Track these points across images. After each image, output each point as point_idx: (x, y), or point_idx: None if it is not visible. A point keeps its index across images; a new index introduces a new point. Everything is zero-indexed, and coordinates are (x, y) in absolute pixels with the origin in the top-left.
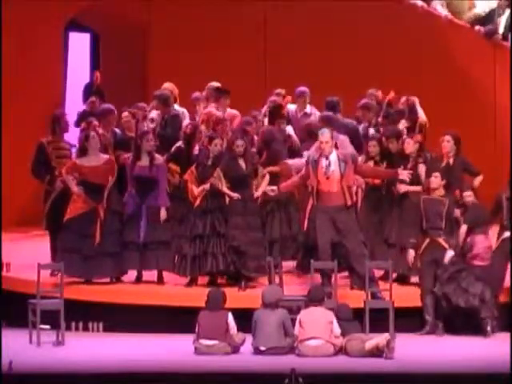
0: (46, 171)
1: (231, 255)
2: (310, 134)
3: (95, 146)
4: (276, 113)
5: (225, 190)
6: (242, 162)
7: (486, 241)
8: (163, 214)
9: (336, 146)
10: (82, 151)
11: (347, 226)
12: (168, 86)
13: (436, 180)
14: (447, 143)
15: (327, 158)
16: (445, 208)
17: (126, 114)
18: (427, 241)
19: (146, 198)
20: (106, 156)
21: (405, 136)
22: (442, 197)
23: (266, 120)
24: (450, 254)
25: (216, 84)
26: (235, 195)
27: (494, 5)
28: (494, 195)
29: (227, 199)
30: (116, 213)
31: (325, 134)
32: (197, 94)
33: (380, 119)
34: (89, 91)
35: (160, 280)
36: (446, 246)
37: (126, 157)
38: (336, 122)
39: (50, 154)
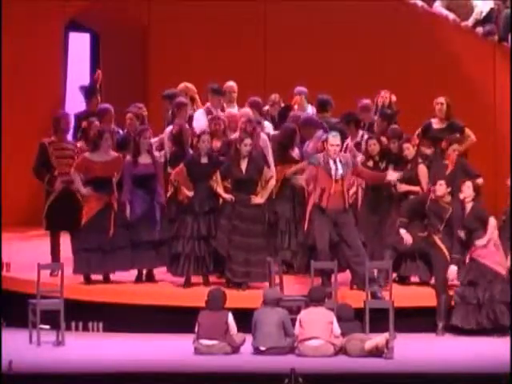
0: (47, 172)
1: (212, 257)
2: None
3: (107, 145)
4: (286, 114)
5: (219, 191)
6: (243, 164)
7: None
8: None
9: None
10: (95, 147)
11: (347, 227)
12: (182, 87)
13: (441, 188)
14: (453, 152)
15: (335, 161)
16: (447, 215)
17: (130, 115)
18: (423, 234)
19: (154, 195)
20: (115, 153)
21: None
22: (448, 204)
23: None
24: (453, 269)
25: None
26: (228, 197)
27: (493, 5)
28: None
29: (221, 201)
30: (123, 208)
31: (336, 137)
32: (182, 98)
33: (376, 118)
34: (88, 89)
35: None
36: (440, 243)
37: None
38: (311, 124)
39: (51, 154)
